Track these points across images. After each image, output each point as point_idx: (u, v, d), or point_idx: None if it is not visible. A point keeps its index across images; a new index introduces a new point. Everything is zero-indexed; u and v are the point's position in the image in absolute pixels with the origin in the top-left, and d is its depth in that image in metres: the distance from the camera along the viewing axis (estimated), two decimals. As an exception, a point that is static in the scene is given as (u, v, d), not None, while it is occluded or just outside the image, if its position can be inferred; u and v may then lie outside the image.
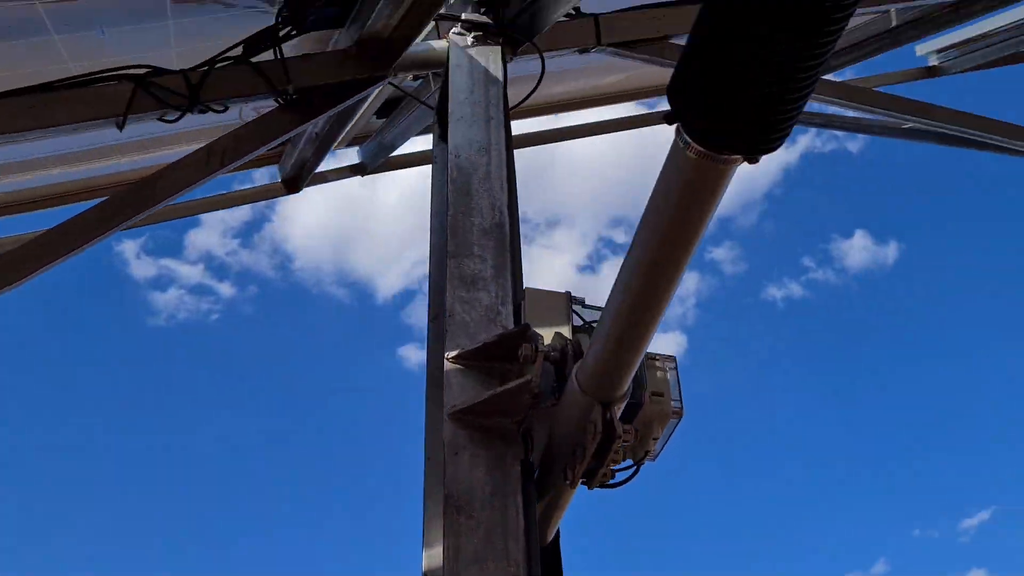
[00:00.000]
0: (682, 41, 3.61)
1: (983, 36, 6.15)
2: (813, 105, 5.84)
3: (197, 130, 3.75)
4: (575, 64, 5.61)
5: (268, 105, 3.24)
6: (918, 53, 6.96)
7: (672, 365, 2.50)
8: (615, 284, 1.78)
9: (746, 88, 1.27)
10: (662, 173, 1.52)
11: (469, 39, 3.14)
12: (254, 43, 3.07)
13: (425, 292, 2.76)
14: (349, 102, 3.26)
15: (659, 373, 2.44)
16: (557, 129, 6.20)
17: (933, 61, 6.88)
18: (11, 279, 2.88)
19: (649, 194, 1.57)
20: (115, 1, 2.77)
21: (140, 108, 2.95)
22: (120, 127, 2.97)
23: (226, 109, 3.13)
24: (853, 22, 5.48)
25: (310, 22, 3.10)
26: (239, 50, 3.09)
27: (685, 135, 1.41)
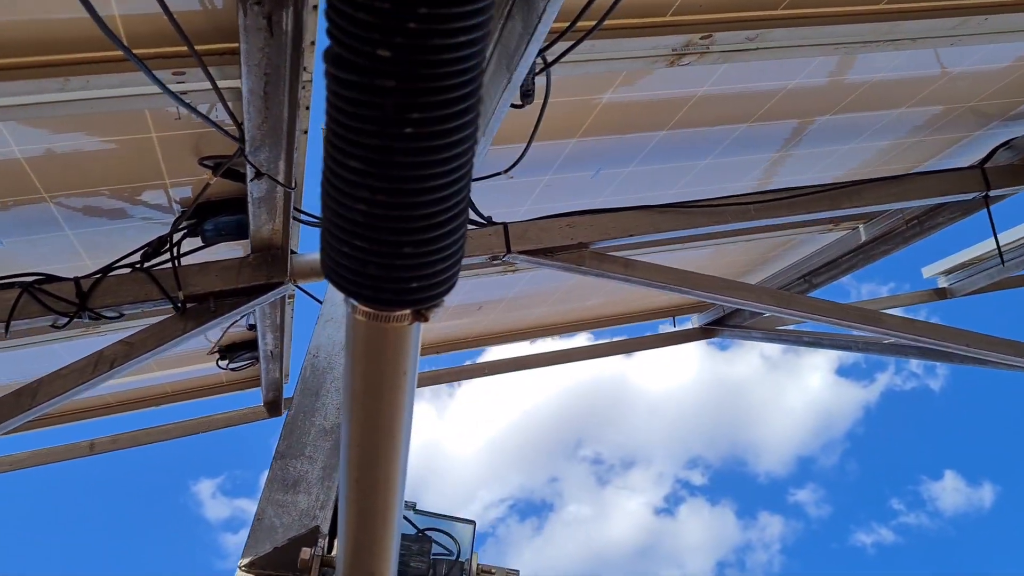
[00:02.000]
0: (601, 248, 3.58)
1: (987, 256, 6.02)
2: (818, 326, 5.67)
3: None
4: (553, 287, 5.65)
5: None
6: (925, 276, 6.84)
7: (513, 581, 2.21)
8: (339, 474, 1.59)
9: (353, 240, 1.16)
10: (347, 349, 1.39)
11: (361, 245, 3.14)
12: (151, 252, 3.12)
13: (497, 535, 2.57)
14: (248, 307, 3.24)
15: (494, 589, 2.16)
16: (533, 355, 6.15)
17: (942, 283, 6.74)
18: None
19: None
20: (6, 215, 2.86)
21: (26, 314, 2.98)
22: (5, 332, 2.99)
23: (120, 316, 3.14)
24: (824, 239, 5.44)
25: (210, 233, 3.15)
26: (138, 257, 3.16)
27: (349, 299, 1.29)
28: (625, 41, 2.46)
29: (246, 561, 2.06)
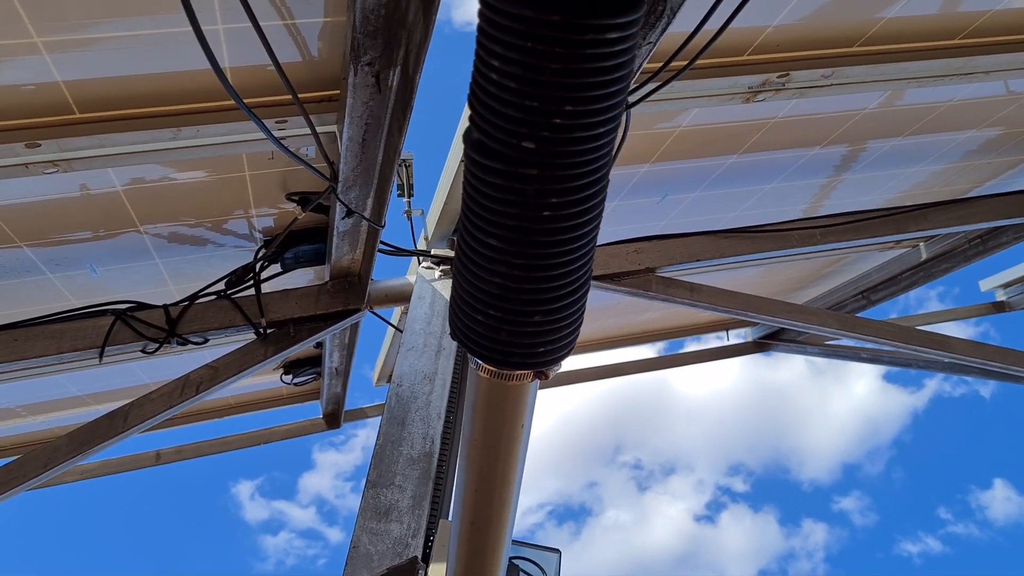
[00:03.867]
0: (669, 273, 3.64)
1: None
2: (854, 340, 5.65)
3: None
4: (610, 302, 5.70)
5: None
6: (982, 289, 6.80)
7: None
8: (452, 510, 1.67)
9: (488, 310, 1.24)
10: (468, 402, 1.47)
11: (437, 272, 3.24)
12: (234, 280, 3.24)
13: (537, 542, 2.66)
14: (326, 333, 3.35)
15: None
16: (586, 369, 6.21)
17: (1000, 297, 6.69)
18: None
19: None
20: (102, 246, 2.99)
21: (119, 340, 3.11)
22: (99, 358, 3.13)
23: (205, 341, 3.26)
24: (884, 255, 5.43)
25: (289, 261, 3.26)
26: (223, 285, 3.28)
27: (474, 358, 1.38)
28: (703, 81, 2.51)
29: (346, 589, 2.15)
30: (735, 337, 7.10)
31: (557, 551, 2.34)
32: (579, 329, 1.34)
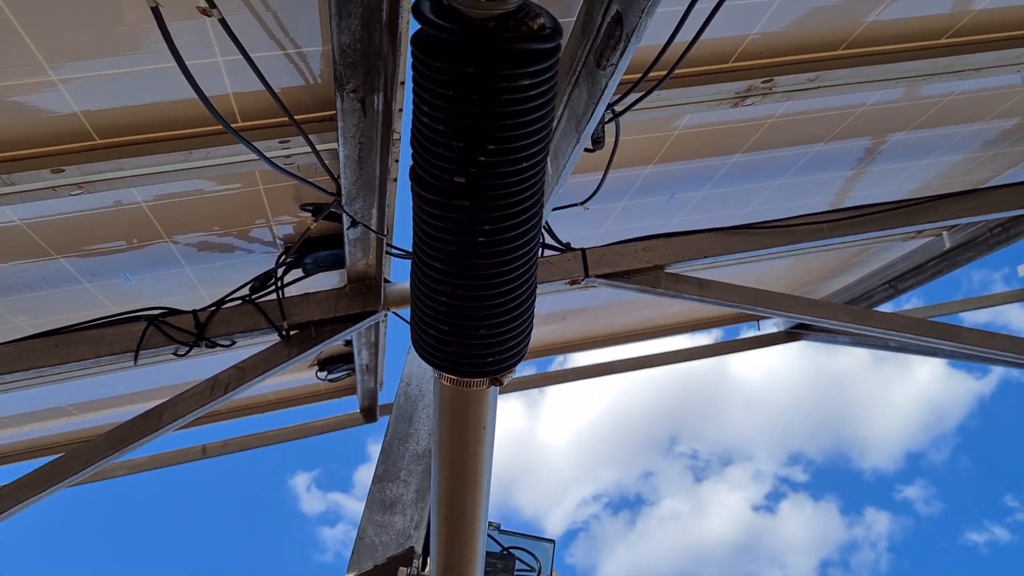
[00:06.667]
0: (676, 270, 3.74)
1: None
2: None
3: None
4: (637, 296, 5.80)
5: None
6: (1021, 274, 6.75)
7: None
8: (430, 505, 1.82)
9: (439, 324, 1.38)
10: (435, 408, 1.61)
11: (448, 275, 3.38)
12: (257, 285, 3.43)
13: (589, 530, 2.80)
14: (346, 334, 3.52)
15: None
16: (617, 361, 6.32)
17: (1038, 278, 6.64)
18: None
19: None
20: (134, 256, 3.20)
21: (152, 344, 3.32)
22: (134, 361, 3.34)
23: (232, 344, 3.46)
24: (908, 245, 5.44)
25: (310, 266, 3.43)
26: (247, 291, 3.47)
27: (436, 369, 1.52)
28: (689, 89, 2.61)
29: (353, 575, 2.32)
30: (769, 326, 7.14)
31: (552, 541, 2.47)
32: (527, 339, 1.47)
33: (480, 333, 1.38)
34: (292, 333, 3.47)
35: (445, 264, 1.32)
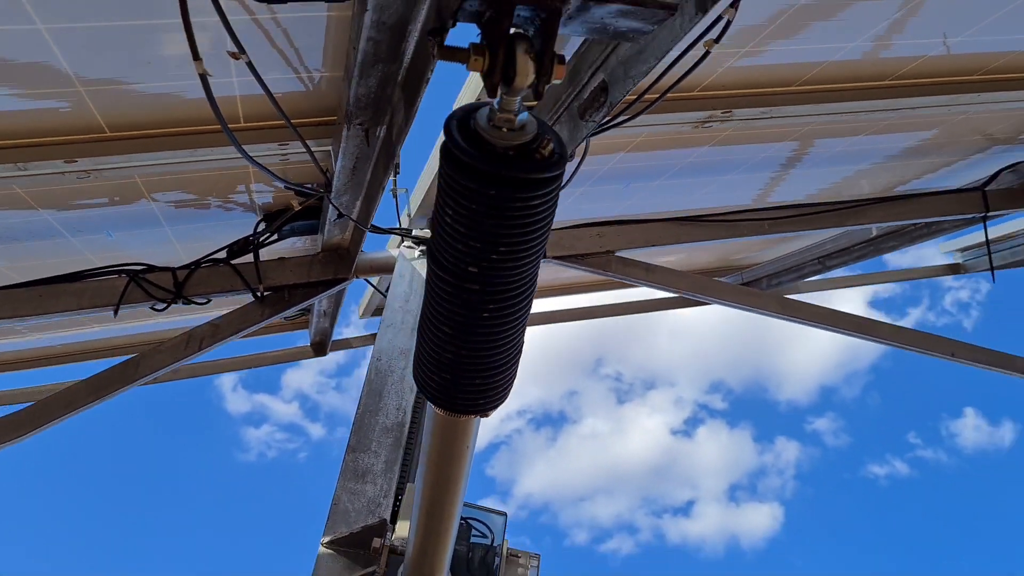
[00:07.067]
0: (626, 255, 4.03)
1: (1008, 236, 6.38)
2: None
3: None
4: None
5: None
6: (941, 251, 7.23)
7: (535, 564, 2.77)
8: (415, 499, 2.11)
9: (443, 373, 1.65)
10: (427, 423, 1.89)
11: (416, 252, 3.62)
12: (235, 249, 3.62)
13: (513, 446, 3.08)
14: (316, 298, 3.75)
15: (519, 570, 2.71)
16: (564, 311, 6.66)
17: (957, 259, 7.12)
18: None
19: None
20: (117, 212, 3.34)
21: (132, 299, 3.50)
22: (115, 313, 3.53)
23: (208, 302, 3.66)
24: (839, 228, 5.82)
25: (286, 232, 3.63)
26: (224, 253, 3.66)
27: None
28: (656, 115, 2.86)
29: (327, 539, 2.61)
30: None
31: (503, 513, 2.80)
32: (511, 385, 1.75)
33: (476, 383, 1.66)
34: (267, 294, 3.68)
35: (453, 330, 1.58)
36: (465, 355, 1.61)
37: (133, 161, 2.48)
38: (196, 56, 1.86)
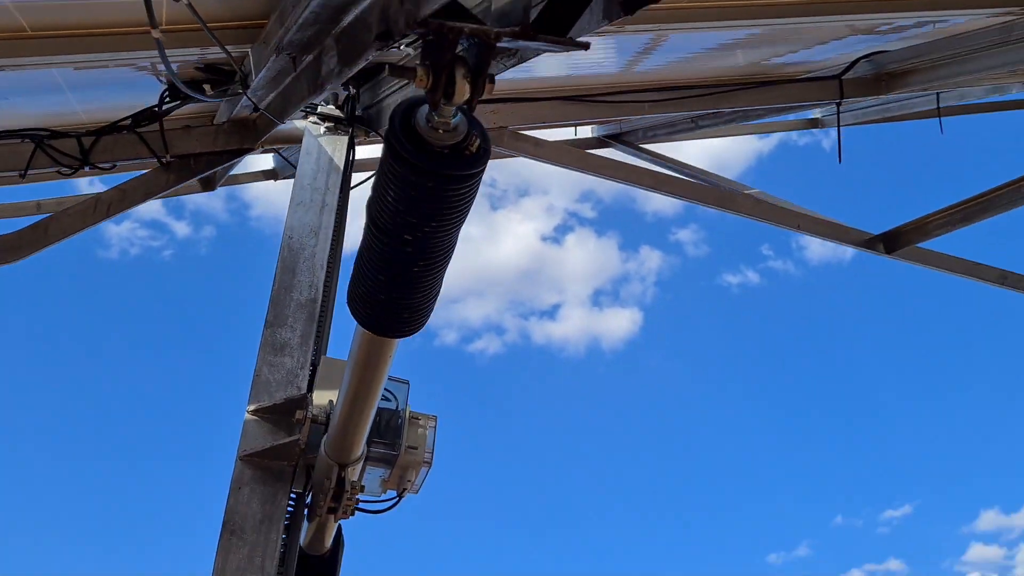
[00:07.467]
0: (518, 129, 4.31)
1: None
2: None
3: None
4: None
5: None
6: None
7: (432, 424, 3.22)
8: (341, 388, 2.49)
9: (375, 308, 1.98)
10: (358, 337, 2.24)
11: (322, 128, 3.80)
12: (140, 117, 3.69)
13: None
14: (221, 167, 3.90)
15: (419, 430, 3.17)
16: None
17: (816, 114, 7.68)
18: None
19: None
20: (16, 79, 3.33)
21: (39, 164, 3.57)
22: (23, 176, 3.60)
23: (113, 167, 3.76)
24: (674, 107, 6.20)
25: (192, 101, 3.71)
26: (130, 120, 3.72)
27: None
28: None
29: (253, 407, 2.97)
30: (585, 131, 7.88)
31: (406, 382, 3.21)
32: (429, 317, 2.11)
33: (403, 316, 2.01)
34: (172, 161, 3.80)
35: (388, 278, 1.90)
36: (396, 296, 1.94)
37: (55, 60, 2.56)
38: None
